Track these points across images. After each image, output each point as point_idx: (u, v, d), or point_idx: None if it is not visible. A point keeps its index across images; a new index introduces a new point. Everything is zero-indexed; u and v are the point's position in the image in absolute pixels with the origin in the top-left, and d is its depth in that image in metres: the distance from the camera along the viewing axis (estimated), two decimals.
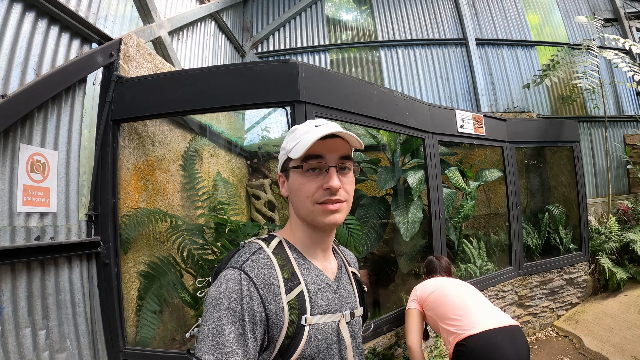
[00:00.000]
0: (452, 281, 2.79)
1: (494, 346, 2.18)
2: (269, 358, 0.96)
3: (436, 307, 2.55)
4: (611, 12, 8.08)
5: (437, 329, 2.55)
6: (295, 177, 1.06)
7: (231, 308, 0.91)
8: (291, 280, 1.00)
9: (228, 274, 0.96)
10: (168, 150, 3.41)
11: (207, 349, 0.87)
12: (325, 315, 1.03)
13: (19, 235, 2.21)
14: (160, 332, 2.91)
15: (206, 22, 5.60)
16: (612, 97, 7.67)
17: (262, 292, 0.94)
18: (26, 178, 2.28)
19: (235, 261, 1.01)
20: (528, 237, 5.27)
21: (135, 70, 3.07)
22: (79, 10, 2.72)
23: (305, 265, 1.07)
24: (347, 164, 1.06)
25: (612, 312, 4.80)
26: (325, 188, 1.01)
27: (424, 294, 2.68)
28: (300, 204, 1.06)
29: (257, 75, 2.65)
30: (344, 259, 1.26)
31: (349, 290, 1.18)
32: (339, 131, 1.01)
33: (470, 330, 2.25)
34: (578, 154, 5.47)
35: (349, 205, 1.08)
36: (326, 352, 1.02)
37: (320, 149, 1.02)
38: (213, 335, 0.88)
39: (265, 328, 0.94)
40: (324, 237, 1.11)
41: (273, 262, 1.01)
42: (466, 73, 7.46)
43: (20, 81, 2.29)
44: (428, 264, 3.12)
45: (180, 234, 3.06)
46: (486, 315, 2.35)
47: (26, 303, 2.22)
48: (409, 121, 3.50)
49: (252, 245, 1.07)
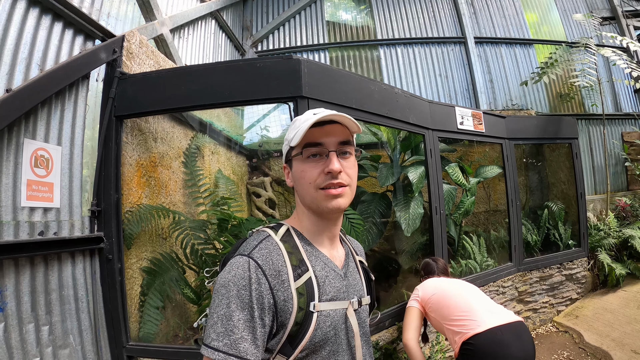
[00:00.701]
0: (453, 281, 2.81)
1: (500, 343, 2.19)
2: (278, 344, 0.96)
3: (440, 308, 2.55)
4: (609, 10, 8.12)
5: (442, 329, 2.54)
6: (298, 165, 1.07)
7: (240, 295, 0.91)
8: (299, 267, 1.01)
9: (237, 261, 0.97)
10: (170, 147, 3.42)
11: (217, 336, 0.88)
12: (333, 302, 1.04)
13: (23, 230, 2.21)
14: (163, 328, 2.92)
15: (207, 21, 5.61)
16: (610, 95, 7.71)
17: (270, 279, 0.95)
18: (30, 173, 2.29)
19: (244, 248, 1.02)
20: (527, 234, 5.29)
21: (138, 67, 3.08)
22: (83, 7, 2.73)
23: (312, 252, 1.07)
24: (348, 149, 1.07)
25: (612, 307, 4.82)
26: (327, 172, 1.01)
27: (426, 294, 2.68)
28: (304, 192, 1.06)
29: (259, 71, 2.66)
30: (351, 248, 1.27)
31: (357, 279, 1.18)
32: (336, 116, 1.02)
33: (475, 329, 2.25)
34: (577, 150, 5.50)
35: (353, 189, 1.09)
36: (334, 339, 1.02)
37: (320, 135, 1.03)
38: (222, 321, 0.89)
39: (273, 314, 0.94)
40: (330, 225, 1.12)
41: (281, 249, 1.01)
42: (465, 71, 7.49)
43: (25, 76, 2.30)
44: (425, 266, 3.12)
45: (184, 229, 3.07)
46: (490, 313, 2.36)
47: (29, 298, 2.23)
48: (409, 117, 3.52)
49: (260, 233, 1.08)
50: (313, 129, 1.01)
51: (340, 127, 1.05)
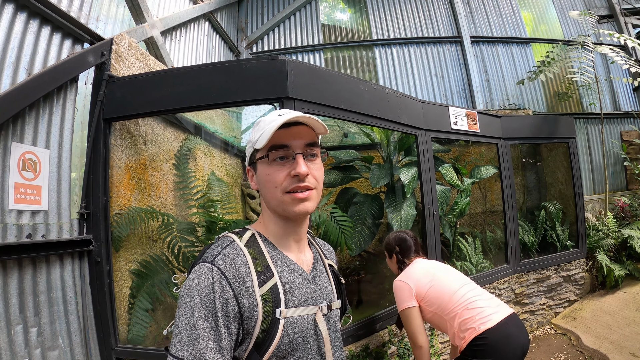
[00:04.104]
0: (443, 268, 2.65)
1: (509, 337, 2.23)
2: (245, 352, 0.95)
3: (441, 303, 2.42)
4: (607, 8, 8.08)
5: (442, 324, 2.45)
6: (263, 168, 1.05)
7: (204, 303, 0.90)
8: (264, 273, 1.00)
9: (200, 269, 0.96)
10: (161, 149, 3.42)
11: (181, 345, 0.88)
12: (301, 308, 1.03)
13: (10, 232, 2.22)
14: (152, 330, 2.92)
15: (200, 23, 5.62)
16: (609, 94, 7.67)
17: (234, 286, 0.94)
18: (17, 176, 2.30)
19: (207, 255, 1.01)
20: (524, 234, 5.26)
21: (127, 69, 3.09)
22: (71, 11, 2.74)
23: (278, 257, 1.06)
24: (314, 151, 1.06)
25: (610, 309, 4.78)
26: (293, 175, 1.00)
27: (421, 288, 2.48)
28: (269, 195, 1.05)
29: (246, 72, 2.66)
30: (320, 251, 1.25)
31: (326, 283, 1.17)
32: (302, 117, 1.01)
33: (487, 324, 2.24)
34: (574, 150, 5.46)
35: (319, 192, 1.08)
36: (303, 345, 1.02)
37: (285, 137, 1.02)
38: (187, 331, 0.89)
39: (239, 322, 0.94)
40: (297, 228, 1.11)
41: (245, 256, 1.00)
42: (461, 71, 7.47)
43: (12, 80, 2.31)
44: (400, 242, 2.78)
45: (171, 231, 3.07)
46: (493, 306, 2.36)
47: (17, 300, 2.23)
48: (401, 118, 3.51)
49: (224, 239, 1.07)
50: (279, 131, 1.00)
51: (307, 129, 1.05)
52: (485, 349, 2.20)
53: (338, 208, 3.51)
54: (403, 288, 2.53)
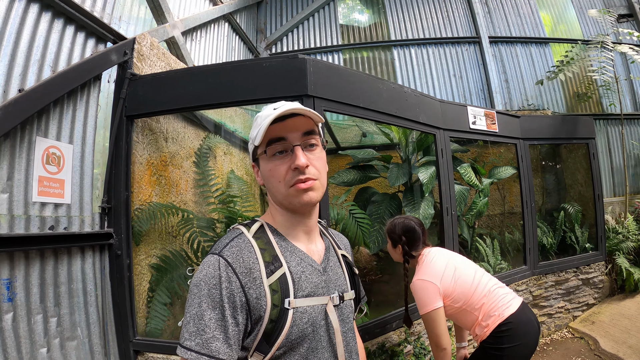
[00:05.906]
0: (459, 258, 2.52)
1: (530, 320, 2.28)
2: (254, 342, 0.96)
3: (467, 298, 2.31)
4: (626, 7, 7.88)
5: (463, 318, 2.36)
6: (265, 164, 1.06)
7: (211, 294, 0.92)
8: (272, 263, 1.00)
9: (208, 261, 0.97)
10: (181, 147, 3.47)
11: (189, 335, 0.89)
12: (311, 298, 1.02)
13: (34, 224, 2.28)
14: (170, 324, 2.95)
15: (219, 24, 5.68)
16: (629, 94, 7.46)
17: (241, 277, 0.95)
18: (41, 169, 2.36)
19: (216, 247, 1.02)
20: (543, 236, 5.17)
21: (149, 68, 3.14)
22: (94, 10, 2.80)
23: (287, 248, 1.06)
24: (313, 139, 1.05)
25: (630, 313, 4.67)
26: (294, 168, 1.00)
27: (448, 287, 2.30)
28: (275, 190, 1.06)
29: (266, 70, 2.68)
30: (332, 242, 1.25)
31: (338, 273, 1.16)
32: (296, 109, 1.00)
33: (509, 309, 2.26)
34: (594, 151, 5.36)
35: (323, 182, 1.07)
36: (312, 335, 1.01)
37: (282, 130, 1.02)
38: (194, 321, 0.90)
39: (247, 313, 0.94)
40: (304, 219, 1.10)
41: (253, 246, 1.01)
42: (480, 71, 7.39)
43: (37, 77, 2.38)
44: (407, 232, 2.53)
45: (191, 226, 3.11)
46: (510, 292, 2.40)
47: (39, 290, 2.29)
48: (419, 117, 3.49)
49: (233, 231, 1.08)
50: (275, 124, 1.00)
51: (303, 119, 1.04)
52: (511, 334, 2.20)
53: (356, 206, 3.50)
54: (428, 288, 2.29)
